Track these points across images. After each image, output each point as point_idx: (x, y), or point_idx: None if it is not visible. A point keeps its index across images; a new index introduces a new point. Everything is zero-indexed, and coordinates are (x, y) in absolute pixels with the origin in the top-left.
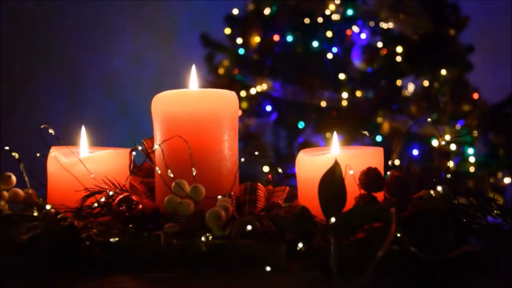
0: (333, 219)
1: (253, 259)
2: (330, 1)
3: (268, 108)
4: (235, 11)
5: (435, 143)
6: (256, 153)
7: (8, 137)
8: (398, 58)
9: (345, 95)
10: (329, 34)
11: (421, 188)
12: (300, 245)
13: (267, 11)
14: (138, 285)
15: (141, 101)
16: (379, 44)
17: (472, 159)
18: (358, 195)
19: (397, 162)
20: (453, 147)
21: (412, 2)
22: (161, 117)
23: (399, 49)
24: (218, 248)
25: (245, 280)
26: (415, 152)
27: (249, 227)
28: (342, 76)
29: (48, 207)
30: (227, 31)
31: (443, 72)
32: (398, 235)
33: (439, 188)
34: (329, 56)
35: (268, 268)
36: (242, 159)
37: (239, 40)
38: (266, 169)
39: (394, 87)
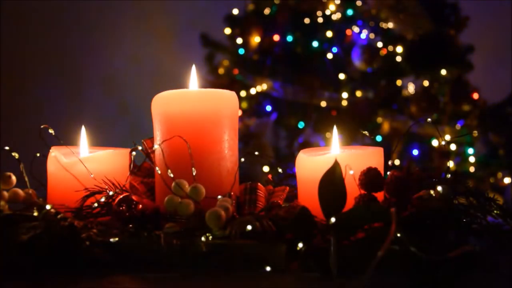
0: (333, 219)
1: (253, 259)
2: (330, 1)
3: (268, 108)
4: (235, 11)
5: (435, 143)
6: (256, 153)
7: (8, 137)
8: (398, 58)
9: (345, 95)
10: (329, 34)
11: (421, 188)
12: (300, 245)
13: (267, 11)
14: (138, 285)
15: (141, 101)
16: (379, 44)
17: (472, 159)
18: (358, 195)
19: (397, 162)
20: (453, 147)
21: (412, 2)
22: (161, 117)
23: (399, 49)
24: (218, 248)
25: (245, 280)
26: (415, 152)
27: (249, 227)
28: (342, 76)
29: (48, 207)
30: (227, 31)
31: (443, 72)
32: (398, 235)
33: (439, 188)
34: (329, 56)
35: (268, 268)
36: (242, 159)
37: (239, 40)
38: (266, 169)
39: (394, 87)
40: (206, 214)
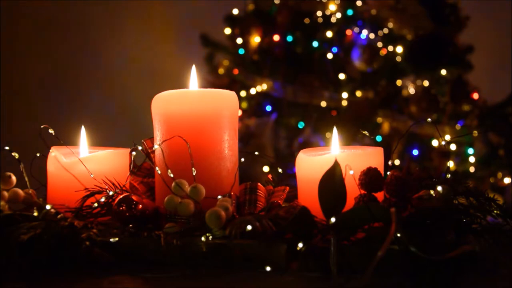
0: (333, 219)
1: (253, 259)
2: (330, 1)
3: (268, 108)
4: (235, 11)
5: (435, 143)
6: (256, 153)
7: (8, 137)
8: (398, 58)
9: (345, 95)
10: (329, 34)
11: (421, 188)
12: (300, 245)
13: (267, 11)
14: (138, 285)
15: (141, 101)
16: (379, 44)
17: (472, 159)
18: (358, 195)
19: (397, 162)
20: (453, 147)
21: (412, 2)
22: (161, 117)
23: (399, 49)
24: (218, 248)
25: (245, 280)
26: (415, 152)
27: (249, 227)
28: (342, 76)
29: (48, 207)
30: (227, 31)
31: (443, 72)
32: (398, 235)
33: (439, 188)
34: (329, 56)
35: (268, 268)
36: (242, 159)
37: (239, 40)
38: (266, 169)
39: (394, 87)
40: (206, 214)
